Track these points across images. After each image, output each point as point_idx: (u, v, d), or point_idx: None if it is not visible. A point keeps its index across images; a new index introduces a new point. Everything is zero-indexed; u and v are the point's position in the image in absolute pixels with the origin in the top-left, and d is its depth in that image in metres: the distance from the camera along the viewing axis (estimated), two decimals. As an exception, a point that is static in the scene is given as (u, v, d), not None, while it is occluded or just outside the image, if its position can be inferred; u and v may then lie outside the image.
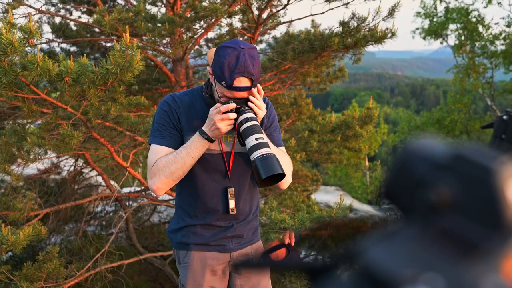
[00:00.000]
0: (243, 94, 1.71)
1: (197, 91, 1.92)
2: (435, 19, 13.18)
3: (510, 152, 0.78)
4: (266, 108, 1.87)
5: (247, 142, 1.68)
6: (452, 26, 12.81)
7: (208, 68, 1.80)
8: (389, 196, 0.23)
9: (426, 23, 13.53)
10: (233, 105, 1.70)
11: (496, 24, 12.48)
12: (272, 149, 1.71)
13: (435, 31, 13.04)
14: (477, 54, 12.03)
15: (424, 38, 13.49)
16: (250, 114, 1.71)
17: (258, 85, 1.74)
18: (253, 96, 1.72)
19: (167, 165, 1.78)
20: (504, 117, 1.00)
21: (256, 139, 1.67)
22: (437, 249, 0.19)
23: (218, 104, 1.72)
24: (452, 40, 13.61)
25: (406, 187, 0.23)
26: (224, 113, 1.70)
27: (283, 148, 1.99)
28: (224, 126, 1.71)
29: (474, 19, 12.31)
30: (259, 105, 1.73)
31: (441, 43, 13.32)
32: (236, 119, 1.72)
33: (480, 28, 12.23)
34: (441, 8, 25.20)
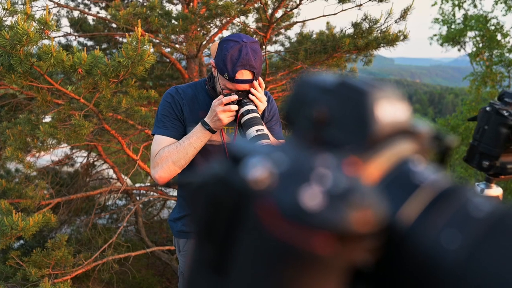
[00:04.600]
0: (245, 86, 1.75)
1: (200, 83, 1.96)
2: (453, 26, 13.08)
3: (494, 142, 0.80)
4: (268, 101, 1.90)
5: (247, 133, 1.72)
6: (470, 34, 12.70)
7: (211, 61, 1.85)
8: (286, 118, 0.28)
9: (444, 30, 13.45)
10: (234, 97, 1.74)
11: (515, 32, 12.35)
12: (272, 141, 1.75)
13: (452, 38, 12.93)
14: (495, 62, 11.90)
15: (441, 45, 13.38)
16: (251, 106, 1.75)
17: (260, 78, 1.78)
18: (255, 89, 1.76)
19: (169, 155, 1.82)
20: (487, 108, 1.02)
21: (257, 130, 1.70)
22: (301, 146, 0.23)
23: (220, 96, 1.76)
24: (469, 47, 13.45)
25: (298, 108, 0.27)
26: (226, 104, 1.74)
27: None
28: (226, 117, 1.75)
29: (492, 27, 12.19)
30: (260, 98, 1.77)
31: (459, 50, 13.21)
32: (237, 111, 1.76)
33: (499, 36, 12.10)
34: (459, 15, 24.96)
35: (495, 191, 1.07)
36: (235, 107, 1.74)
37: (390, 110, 0.26)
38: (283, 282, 0.20)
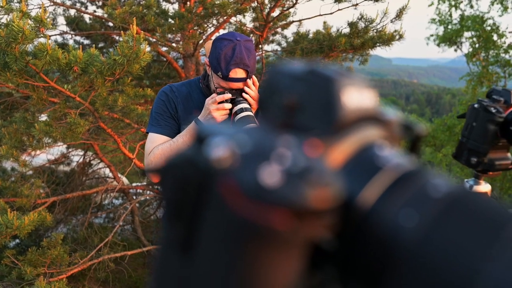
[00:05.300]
0: (239, 85, 1.75)
1: (194, 82, 1.96)
2: (449, 26, 13.12)
3: (482, 138, 0.81)
4: (262, 100, 1.91)
5: None
6: (466, 34, 12.74)
7: (205, 59, 1.85)
8: (259, 105, 0.29)
9: (441, 30, 13.49)
10: (228, 96, 1.74)
11: (510, 33, 12.36)
12: None
13: (449, 38, 12.96)
14: (491, 62, 11.94)
15: (438, 45, 13.43)
16: (245, 105, 1.75)
17: (253, 76, 1.79)
18: (248, 87, 1.77)
19: (163, 153, 1.83)
20: (476, 105, 1.03)
21: None
22: (267, 129, 0.24)
23: (214, 95, 1.76)
24: (466, 48, 13.48)
25: (269, 96, 0.28)
26: (219, 103, 1.74)
27: (278, 140, 2.02)
28: (219, 115, 1.75)
29: (489, 28, 12.23)
30: (253, 96, 1.77)
31: (455, 50, 13.24)
32: (231, 110, 1.76)
33: (495, 37, 12.14)
34: (456, 15, 24.96)
35: (484, 187, 1.08)
36: (228, 105, 1.74)
37: (357, 97, 0.27)
38: (245, 257, 0.20)
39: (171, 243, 0.23)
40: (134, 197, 5.45)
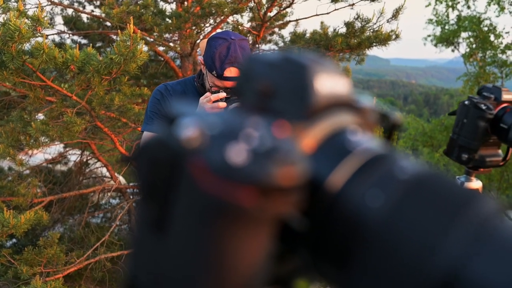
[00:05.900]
0: (233, 83, 1.76)
1: (189, 80, 1.97)
2: (446, 27, 13.15)
3: (472, 135, 0.82)
4: (257, 98, 1.92)
5: None
6: (463, 34, 12.77)
7: (200, 58, 1.86)
8: (236, 92, 0.30)
9: (438, 31, 13.51)
10: (223, 95, 1.74)
11: (507, 33, 12.39)
12: None
13: (446, 39, 12.99)
14: (488, 63, 11.97)
15: (435, 45, 13.45)
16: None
17: (249, 75, 1.79)
18: (243, 86, 1.77)
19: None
20: (466, 102, 1.04)
21: None
22: (238, 112, 0.25)
23: (208, 93, 1.77)
24: (463, 48, 13.51)
25: (245, 83, 0.29)
26: (214, 102, 1.74)
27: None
28: (214, 114, 1.76)
29: (485, 28, 12.27)
30: (249, 95, 1.78)
31: (453, 51, 13.27)
32: (226, 108, 1.77)
33: (492, 37, 12.17)
34: (453, 16, 25.02)
35: (475, 184, 1.09)
36: (223, 104, 1.75)
37: (330, 84, 0.27)
38: (213, 234, 0.21)
39: (146, 223, 0.24)
40: (131, 197, 5.45)
